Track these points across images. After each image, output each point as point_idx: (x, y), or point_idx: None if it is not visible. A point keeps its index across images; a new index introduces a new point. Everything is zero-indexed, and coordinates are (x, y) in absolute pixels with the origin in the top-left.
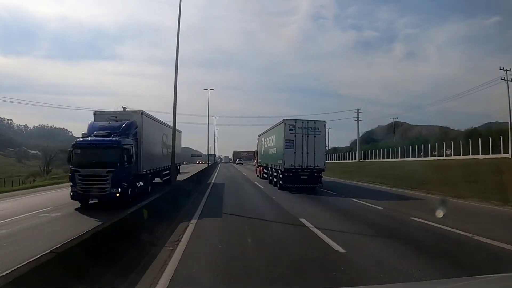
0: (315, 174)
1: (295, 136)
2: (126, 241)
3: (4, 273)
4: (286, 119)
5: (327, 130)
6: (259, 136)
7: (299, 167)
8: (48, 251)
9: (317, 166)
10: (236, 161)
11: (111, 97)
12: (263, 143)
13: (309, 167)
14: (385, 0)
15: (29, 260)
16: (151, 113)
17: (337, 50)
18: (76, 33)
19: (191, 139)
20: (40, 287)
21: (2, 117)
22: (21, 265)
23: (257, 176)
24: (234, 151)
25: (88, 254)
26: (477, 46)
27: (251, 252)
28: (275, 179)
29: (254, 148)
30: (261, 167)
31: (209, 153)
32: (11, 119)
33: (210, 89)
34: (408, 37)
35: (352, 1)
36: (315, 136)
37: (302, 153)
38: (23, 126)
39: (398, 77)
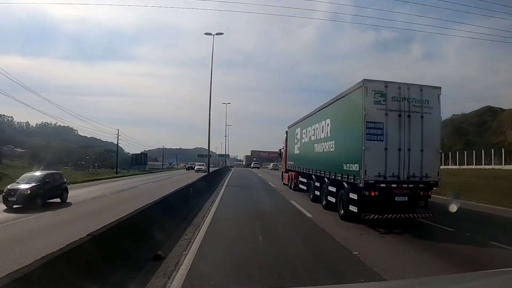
0: (421, 193)
1: (386, 115)
2: None
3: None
4: (368, 80)
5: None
6: (290, 127)
7: (395, 178)
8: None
9: (426, 176)
10: (251, 165)
11: (127, 98)
12: (298, 136)
13: (412, 178)
14: (403, 0)
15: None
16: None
17: (354, 50)
18: (94, 35)
19: (205, 139)
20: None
21: (1, 114)
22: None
23: (285, 184)
24: (252, 151)
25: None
26: (496, 45)
27: None
28: (329, 198)
29: (273, 149)
30: (293, 173)
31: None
32: (11, 116)
33: (217, 34)
34: (426, 37)
35: (370, 1)
36: (422, 117)
37: (399, 150)
38: (24, 124)
39: (416, 77)
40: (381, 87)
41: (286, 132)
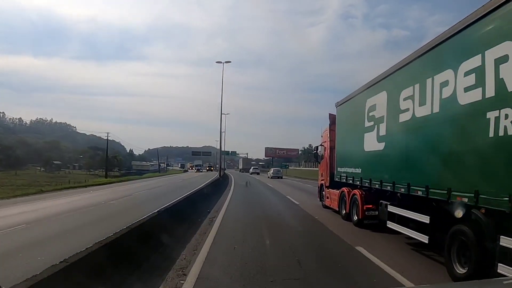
0: None
1: None
2: None
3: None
4: None
5: None
6: (341, 104)
7: None
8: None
9: None
10: (251, 170)
11: (138, 98)
12: (379, 111)
13: None
14: None
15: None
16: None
17: (365, 49)
18: (105, 35)
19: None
20: None
21: None
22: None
23: (327, 207)
24: (266, 149)
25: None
26: None
27: None
28: None
29: (290, 145)
30: (357, 192)
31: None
32: (2, 112)
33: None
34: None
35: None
36: None
37: None
38: (17, 120)
39: None
40: None
41: (330, 116)
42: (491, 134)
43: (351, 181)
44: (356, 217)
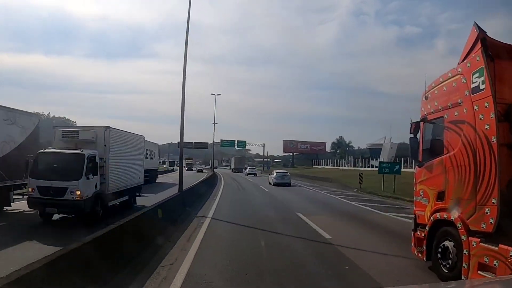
0: None
1: None
2: None
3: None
4: None
5: None
6: None
7: None
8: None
9: None
10: (246, 170)
11: (149, 95)
12: None
13: None
14: None
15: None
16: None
17: (378, 47)
18: (116, 32)
19: (222, 135)
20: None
21: None
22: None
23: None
24: (285, 142)
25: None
26: None
27: None
28: None
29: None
30: None
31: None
32: None
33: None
34: (451, 32)
35: None
36: None
37: None
38: None
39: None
40: None
41: (480, 32)
42: None
43: None
44: None
